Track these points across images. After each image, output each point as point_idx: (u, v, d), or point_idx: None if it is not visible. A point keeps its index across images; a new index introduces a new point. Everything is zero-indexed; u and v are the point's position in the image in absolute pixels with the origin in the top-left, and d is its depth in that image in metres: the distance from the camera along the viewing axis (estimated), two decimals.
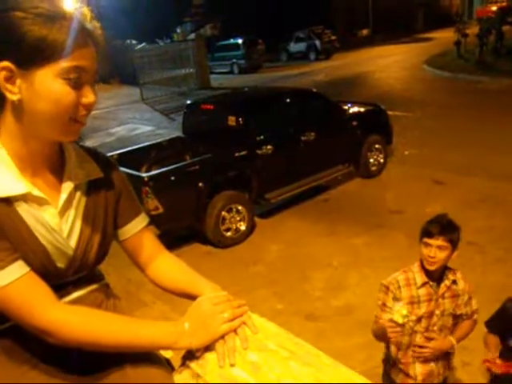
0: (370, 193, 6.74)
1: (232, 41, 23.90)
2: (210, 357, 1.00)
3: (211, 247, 5.52)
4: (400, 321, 2.05)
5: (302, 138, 6.14)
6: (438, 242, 2.17)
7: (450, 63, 15.92)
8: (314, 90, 7.29)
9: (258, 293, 4.56)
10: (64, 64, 0.90)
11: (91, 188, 1.09)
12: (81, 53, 0.91)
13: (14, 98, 0.91)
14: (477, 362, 3.17)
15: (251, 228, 5.78)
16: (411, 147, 8.14)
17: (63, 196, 1.03)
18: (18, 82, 0.90)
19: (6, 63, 0.89)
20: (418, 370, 2.37)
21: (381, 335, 2.28)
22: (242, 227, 5.64)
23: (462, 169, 6.92)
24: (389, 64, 19.09)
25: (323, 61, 23.84)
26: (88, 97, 0.95)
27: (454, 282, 2.30)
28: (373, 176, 7.15)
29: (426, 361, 2.35)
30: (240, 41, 23.44)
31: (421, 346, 2.30)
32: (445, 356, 2.39)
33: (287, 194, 6.14)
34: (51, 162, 1.04)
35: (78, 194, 1.06)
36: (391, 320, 2.08)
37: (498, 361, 2.22)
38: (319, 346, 3.63)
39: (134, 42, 20.05)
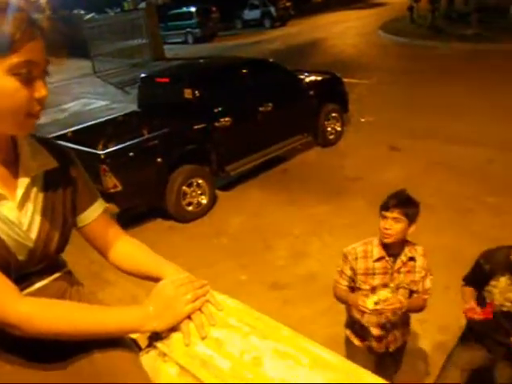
0: (329, 161, 6.85)
1: (185, 9, 23.23)
2: (175, 336, 1.03)
3: (174, 222, 5.51)
4: (370, 307, 2.23)
5: (260, 109, 6.14)
6: (394, 214, 2.26)
7: (404, 29, 16.10)
8: (271, 60, 7.25)
9: (222, 265, 4.62)
10: (14, 59, 0.87)
11: (48, 179, 1.07)
12: (30, 46, 0.88)
13: None
14: (432, 318, 3.35)
15: (213, 201, 5.80)
16: (368, 114, 8.27)
17: (20, 189, 1.02)
18: None
19: None
20: (374, 332, 2.49)
21: (341, 299, 2.48)
22: (204, 201, 5.64)
23: (417, 134, 7.11)
24: (344, 30, 19.11)
25: (279, 28, 23.61)
26: (40, 91, 0.93)
27: (412, 258, 2.39)
28: (331, 144, 7.25)
29: (381, 326, 2.47)
30: (193, 9, 22.82)
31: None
32: (403, 324, 2.52)
33: (247, 165, 6.17)
34: (5, 155, 1.02)
35: (36, 185, 1.05)
36: (363, 305, 2.25)
37: (478, 309, 2.37)
38: (284, 314, 3.75)
39: (82, 11, 19.19)
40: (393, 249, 2.37)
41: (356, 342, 2.61)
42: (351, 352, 2.63)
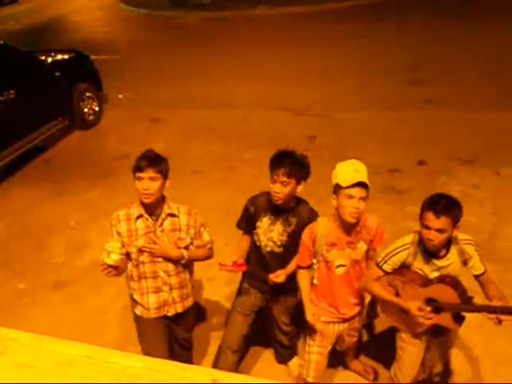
0: (93, 143, 6.57)
1: None
2: None
3: None
4: (109, 262, 2.28)
5: (1, 99, 5.45)
6: (149, 173, 2.32)
7: (145, 0, 16.05)
8: (1, 42, 6.45)
9: None
10: None
11: None
12: None
13: None
14: (219, 275, 3.56)
15: None
16: (124, 90, 8.13)
17: None
18: None
19: None
20: (151, 299, 2.52)
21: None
22: None
23: (174, 103, 7.32)
24: (84, 4, 18.06)
25: (9, 5, 20.91)
26: None
27: (172, 215, 2.46)
28: (92, 126, 6.95)
29: (157, 291, 2.51)
30: None
31: (154, 243, 2.41)
32: (180, 286, 2.56)
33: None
34: None
35: None
36: (104, 263, 2.28)
37: (229, 263, 2.56)
38: (75, 310, 3.54)
39: None
40: (152, 208, 2.42)
41: (137, 311, 2.58)
42: (140, 327, 2.64)
